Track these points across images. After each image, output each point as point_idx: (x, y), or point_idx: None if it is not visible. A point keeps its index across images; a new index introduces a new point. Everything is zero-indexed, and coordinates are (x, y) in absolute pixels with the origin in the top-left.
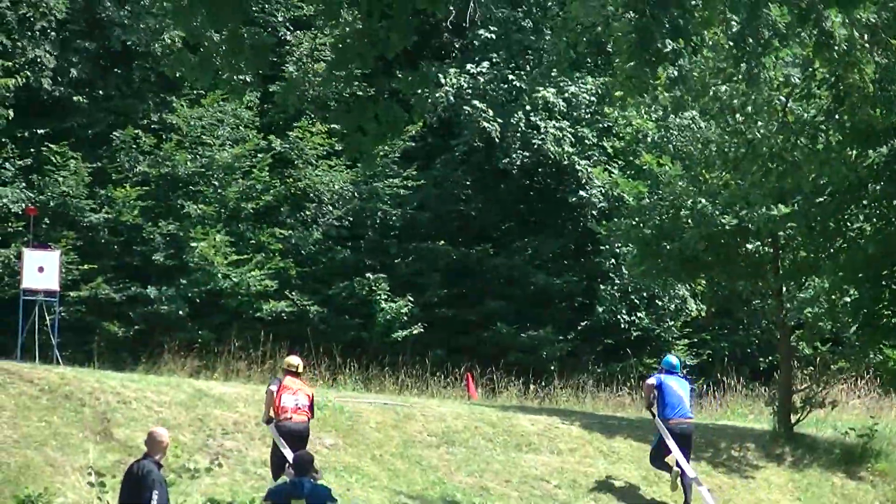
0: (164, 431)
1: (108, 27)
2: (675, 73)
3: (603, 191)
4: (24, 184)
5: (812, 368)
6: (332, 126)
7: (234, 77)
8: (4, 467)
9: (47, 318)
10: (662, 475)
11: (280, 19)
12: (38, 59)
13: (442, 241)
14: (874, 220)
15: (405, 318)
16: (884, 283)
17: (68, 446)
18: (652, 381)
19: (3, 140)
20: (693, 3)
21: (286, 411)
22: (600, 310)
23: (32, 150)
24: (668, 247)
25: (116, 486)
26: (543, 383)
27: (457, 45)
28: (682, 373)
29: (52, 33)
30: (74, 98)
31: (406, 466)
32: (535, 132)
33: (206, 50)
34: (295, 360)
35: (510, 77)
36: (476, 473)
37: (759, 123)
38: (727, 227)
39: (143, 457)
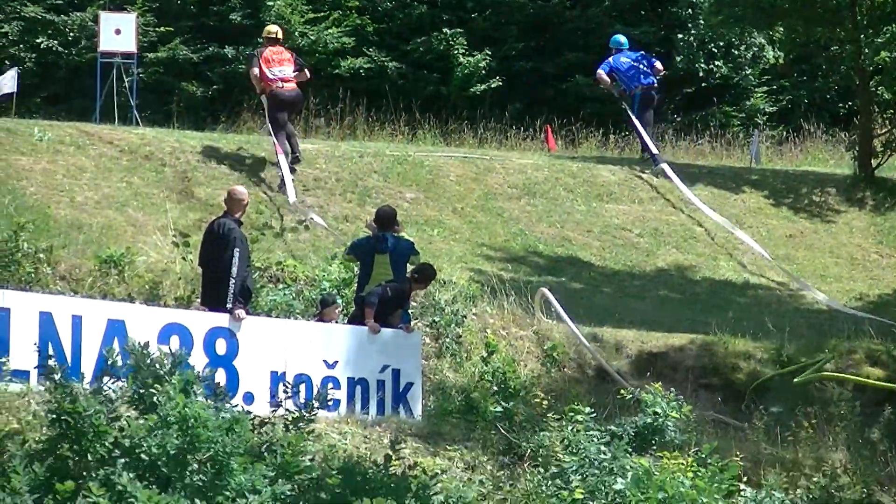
0: (244, 190)
1: None
2: None
3: None
4: None
5: (892, 112)
6: None
7: None
8: (86, 228)
9: (125, 80)
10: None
11: None
12: None
13: None
14: None
15: (483, 71)
16: None
17: (149, 206)
18: (601, 70)
19: None
20: None
21: (275, 81)
22: (678, 59)
23: None
24: None
25: (197, 245)
26: (623, 133)
27: None
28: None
29: None
30: None
31: (487, 219)
32: None
33: None
34: (273, 28)
35: None
36: (557, 224)
37: None
38: None
39: (223, 215)
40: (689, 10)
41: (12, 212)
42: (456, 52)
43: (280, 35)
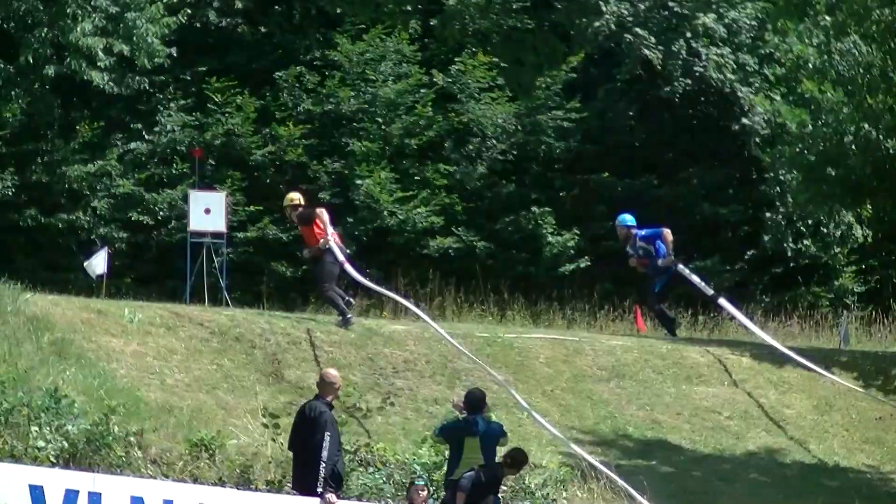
0: (335, 372)
1: None
2: None
3: (765, 118)
4: (187, 124)
5: None
6: (495, 59)
7: (397, 8)
8: (177, 411)
9: (215, 261)
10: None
11: None
12: None
13: (606, 173)
14: None
15: (572, 251)
16: None
17: (239, 388)
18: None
19: (167, 80)
20: None
21: (335, 235)
22: (766, 238)
23: (194, 89)
24: (832, 173)
25: (287, 428)
26: (712, 314)
27: None
28: None
29: None
30: (238, 29)
31: (577, 401)
32: (696, 59)
33: None
34: (295, 195)
35: (670, 3)
36: (647, 406)
37: None
38: (892, 152)
39: (315, 397)
40: (777, 189)
41: (103, 395)
42: (544, 230)
43: (302, 200)
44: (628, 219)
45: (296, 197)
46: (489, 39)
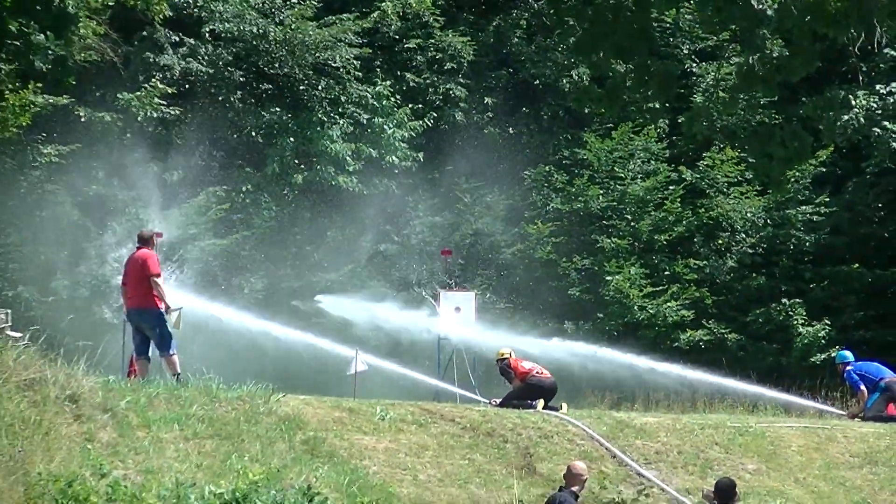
0: (583, 465)
1: (517, 63)
2: None
3: None
4: (436, 225)
5: None
6: (743, 154)
7: (644, 106)
8: None
9: (465, 357)
10: None
11: (685, 51)
12: (451, 92)
13: (856, 265)
14: None
15: (823, 341)
16: None
17: (492, 482)
18: (862, 386)
19: (415, 182)
20: None
21: (532, 371)
22: None
23: (442, 189)
24: None
25: None
26: None
27: (864, 68)
28: None
29: (461, 71)
30: (486, 130)
31: (830, 488)
32: None
33: (614, 80)
34: (506, 350)
35: None
36: None
37: None
38: None
39: (560, 489)
40: None
41: (356, 491)
42: (795, 322)
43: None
44: (845, 356)
45: (505, 352)
46: (736, 135)
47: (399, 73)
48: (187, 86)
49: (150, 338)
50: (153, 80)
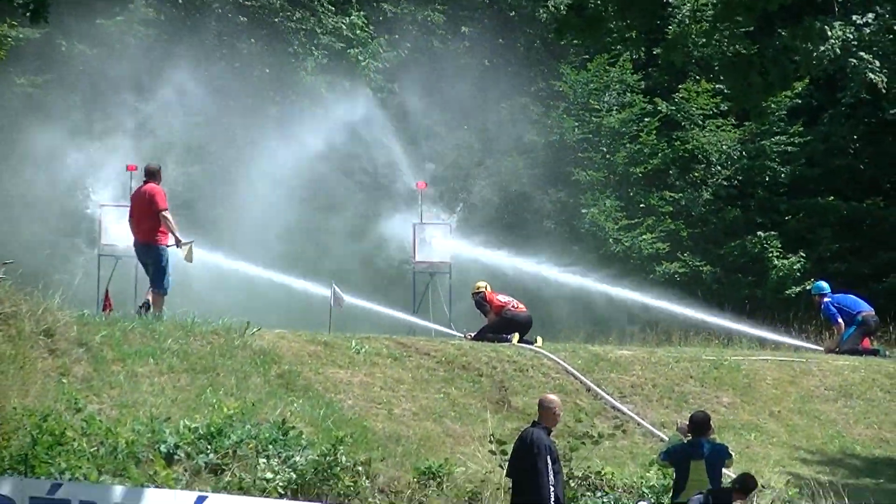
0: (557, 399)
1: None
2: None
3: None
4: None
5: None
6: (718, 85)
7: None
8: (404, 440)
9: (440, 291)
10: None
11: None
12: (429, 20)
13: (832, 196)
14: None
15: (798, 273)
16: None
17: (467, 416)
18: (840, 321)
19: (390, 114)
20: None
21: (507, 304)
22: None
23: (417, 121)
24: None
25: None
26: None
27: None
28: None
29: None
30: (462, 61)
31: (804, 421)
32: None
33: (594, 8)
34: (482, 283)
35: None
36: (875, 425)
37: None
38: None
39: (533, 424)
40: None
41: (330, 425)
42: (770, 254)
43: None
44: (822, 287)
45: (481, 285)
46: (712, 67)
47: (375, 3)
48: (163, 17)
49: None
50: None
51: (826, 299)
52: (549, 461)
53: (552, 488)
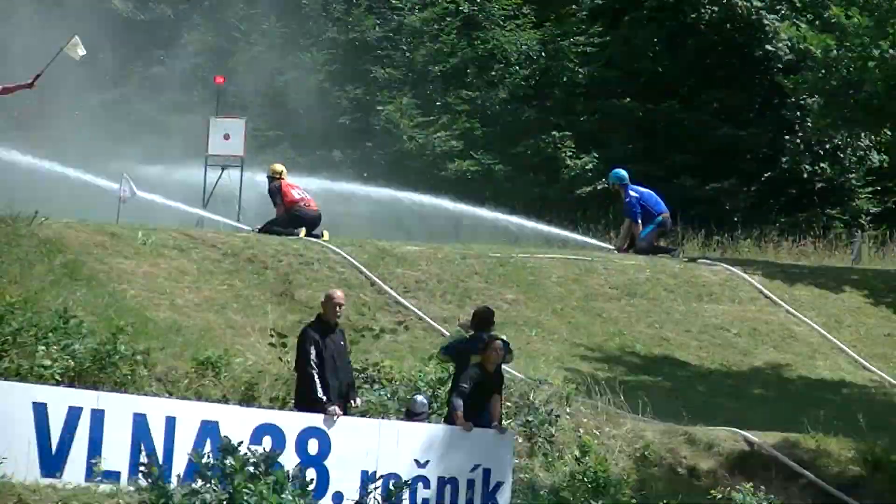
0: (337, 292)
1: None
2: None
3: (790, 45)
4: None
5: None
6: None
7: None
8: (185, 330)
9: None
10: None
11: None
12: None
13: (628, 98)
14: None
15: (590, 174)
16: None
17: (249, 308)
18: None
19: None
20: None
21: (299, 202)
22: (784, 161)
23: (218, 16)
24: (854, 98)
25: (293, 346)
26: (726, 234)
27: None
28: None
29: None
30: None
31: (586, 319)
32: None
33: None
34: (279, 167)
35: None
36: (656, 324)
37: None
38: None
39: (318, 316)
40: (798, 113)
41: (112, 315)
42: (563, 154)
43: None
44: (622, 175)
45: (278, 168)
46: None
47: None
48: None
49: None
50: None
51: (633, 194)
52: (302, 353)
53: (318, 380)
